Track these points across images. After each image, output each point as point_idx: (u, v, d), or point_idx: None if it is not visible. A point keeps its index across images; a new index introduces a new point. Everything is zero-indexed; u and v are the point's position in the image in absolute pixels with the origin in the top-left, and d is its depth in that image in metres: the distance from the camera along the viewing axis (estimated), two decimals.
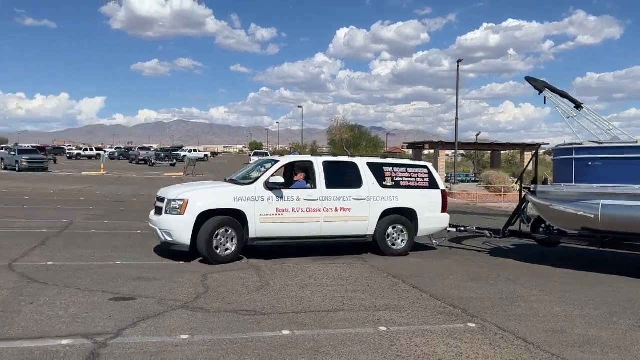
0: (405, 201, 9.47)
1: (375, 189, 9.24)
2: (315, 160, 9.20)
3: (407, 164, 9.99)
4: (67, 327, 4.88)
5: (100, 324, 4.99)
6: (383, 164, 9.68)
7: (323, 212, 8.78)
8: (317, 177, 8.91)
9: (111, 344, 4.47)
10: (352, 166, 9.39)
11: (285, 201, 8.55)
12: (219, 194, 8.60)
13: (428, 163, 10.58)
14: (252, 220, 8.32)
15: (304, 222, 8.68)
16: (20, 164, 35.67)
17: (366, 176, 9.26)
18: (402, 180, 9.59)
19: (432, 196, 9.79)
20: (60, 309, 5.42)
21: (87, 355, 4.21)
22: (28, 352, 4.22)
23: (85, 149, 79.33)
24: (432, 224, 9.82)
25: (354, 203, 9.01)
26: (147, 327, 5.00)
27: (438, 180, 10.06)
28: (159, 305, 5.72)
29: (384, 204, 9.26)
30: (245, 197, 8.33)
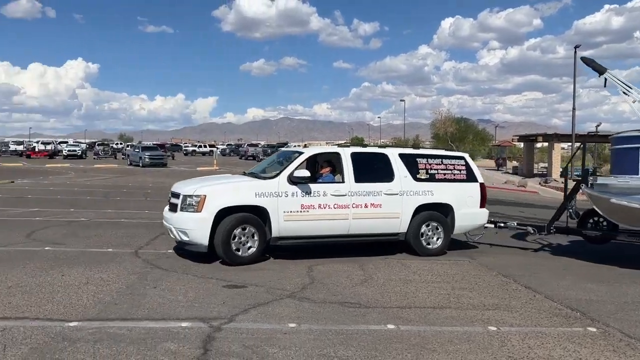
0: (441, 196, 8.68)
1: (408, 183, 8.49)
2: (342, 151, 8.49)
3: (443, 155, 9.14)
4: (185, 310, 5.26)
5: (215, 309, 5.31)
6: (417, 155, 8.96)
7: (352, 208, 8.08)
8: (345, 170, 8.21)
9: (225, 329, 4.74)
10: (383, 158, 8.65)
11: (311, 197, 7.87)
12: (239, 189, 7.85)
13: (465, 154, 9.55)
14: (275, 218, 7.67)
15: (331, 220, 7.99)
16: (144, 160, 38.87)
17: (398, 169, 8.51)
18: (437, 173, 8.79)
19: (470, 190, 8.97)
20: (180, 294, 5.84)
21: (204, 338, 4.49)
22: (153, 332, 4.60)
23: (200, 146, 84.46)
24: (469, 220, 8.97)
25: (385, 198, 8.28)
26: (258, 314, 5.23)
27: (476, 173, 9.18)
28: (268, 294, 5.96)
29: (417, 199, 8.50)
30: (268, 193, 7.68)
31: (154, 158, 39.40)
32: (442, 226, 8.65)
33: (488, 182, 28.70)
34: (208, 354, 4.15)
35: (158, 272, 6.86)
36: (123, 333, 4.55)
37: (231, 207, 7.47)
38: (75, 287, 5.98)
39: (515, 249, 9.64)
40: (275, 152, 11.03)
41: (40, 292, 5.75)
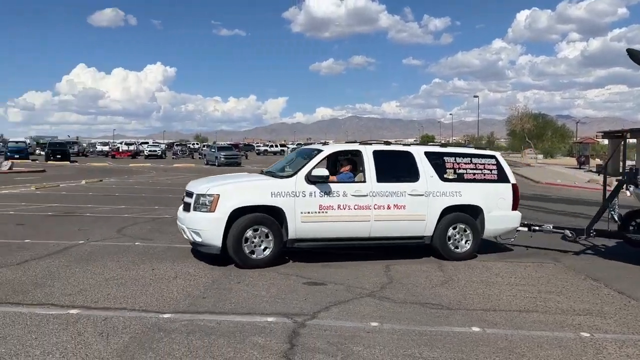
0: (470, 197, 8.18)
1: (435, 183, 8.03)
2: (364, 149, 8.04)
3: (472, 154, 8.60)
4: (269, 305, 5.41)
5: (297, 305, 5.42)
6: (444, 153, 8.41)
7: (373, 209, 7.68)
8: (366, 168, 7.81)
9: (309, 325, 4.84)
10: (408, 156, 8.19)
11: (330, 197, 7.51)
12: (255, 188, 7.57)
13: (496, 152, 9.01)
14: (292, 219, 7.32)
15: (352, 222, 7.60)
16: (219, 160, 40.28)
17: (424, 168, 8.06)
18: (466, 173, 8.28)
19: (502, 191, 8.43)
20: (263, 289, 6.02)
21: (289, 333, 4.61)
22: (240, 326, 4.77)
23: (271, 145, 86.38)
24: (500, 223, 8.41)
25: (409, 199, 7.84)
26: (339, 311, 5.29)
27: (508, 173, 8.62)
28: (347, 292, 6.01)
29: (445, 201, 8.01)
30: (285, 192, 7.34)
31: (229, 157, 40.73)
32: (470, 229, 8.14)
33: (569, 181, 27.34)
34: (295, 349, 4.25)
35: (241, 271, 7.08)
36: (213, 326, 4.75)
37: (245, 207, 7.20)
38: (166, 281, 6.31)
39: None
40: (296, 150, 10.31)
41: (134, 284, 6.11)
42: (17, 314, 4.95)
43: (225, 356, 4.07)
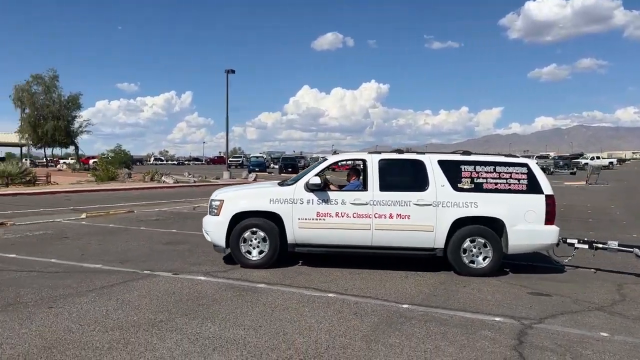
0: (488, 208, 7.52)
1: (446, 193, 7.57)
2: (370, 158, 7.94)
3: (498, 162, 7.79)
4: (496, 308, 5.90)
5: (523, 311, 5.81)
6: (462, 161, 7.79)
7: (374, 218, 7.59)
8: (369, 177, 7.78)
9: (536, 327, 5.22)
10: (418, 165, 7.81)
11: (328, 204, 7.66)
12: (255, 195, 8.09)
13: (530, 160, 7.94)
14: (290, 225, 7.70)
15: (350, 229, 7.61)
16: None
17: (435, 177, 7.65)
18: (485, 182, 7.63)
19: (531, 203, 7.54)
20: (488, 294, 6.52)
21: (517, 332, 5.07)
22: (470, 321, 5.38)
23: None
24: (529, 239, 7.54)
25: (414, 209, 7.53)
26: (566, 320, 5.52)
27: (542, 183, 7.64)
28: (574, 304, 6.14)
29: (456, 212, 7.51)
30: (283, 199, 7.74)
31: None
32: (490, 243, 7.54)
33: None
34: (523, 345, 4.71)
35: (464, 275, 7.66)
36: (446, 318, 5.47)
37: (245, 212, 7.80)
38: (399, 279, 7.24)
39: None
40: None
41: (373, 279, 7.17)
42: (290, 293, 6.37)
43: (459, 342, 4.75)
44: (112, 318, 5.23)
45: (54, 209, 16.32)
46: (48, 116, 47.24)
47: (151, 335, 4.74)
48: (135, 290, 6.34)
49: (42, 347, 4.38)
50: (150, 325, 5.03)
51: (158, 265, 7.87)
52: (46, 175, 30.17)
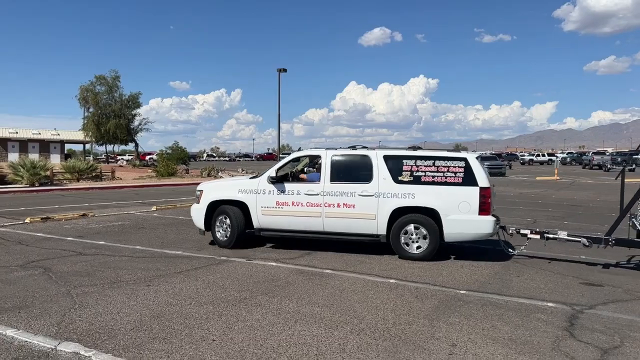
0: (424, 199, 8.23)
1: (387, 185, 8.37)
2: (324, 153, 8.90)
3: (438, 156, 8.43)
4: (548, 295, 6.32)
5: (574, 298, 6.20)
6: (404, 156, 8.54)
7: (324, 207, 8.55)
8: (323, 171, 8.75)
9: (587, 313, 5.62)
10: (365, 160, 8.67)
11: (286, 195, 8.74)
12: (228, 186, 9.38)
13: (470, 154, 8.51)
14: (255, 212, 8.91)
15: (304, 217, 8.64)
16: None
17: (379, 170, 8.47)
18: (424, 175, 8.34)
19: (465, 195, 8.11)
20: (541, 283, 6.92)
21: (569, 316, 5.49)
22: (524, 306, 5.83)
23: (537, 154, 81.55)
24: (463, 228, 8.14)
25: (358, 199, 8.41)
26: (617, 307, 5.88)
27: (478, 176, 8.16)
28: (625, 294, 6.46)
29: (395, 202, 8.30)
30: (249, 190, 8.96)
31: (493, 167, 40.61)
32: (427, 231, 8.22)
33: None
34: (574, 326, 5.15)
35: (518, 265, 8.07)
36: (501, 303, 5.94)
37: (218, 200, 9.18)
38: (454, 269, 7.72)
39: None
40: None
41: (429, 269, 7.69)
42: (354, 278, 7.00)
43: (514, 323, 5.23)
44: (203, 295, 6.00)
45: (125, 202, 17.61)
46: (110, 115, 49.88)
47: (239, 309, 5.46)
48: (217, 273, 7.13)
49: (151, 316, 5.18)
50: (237, 301, 5.77)
51: (231, 252, 8.66)
52: (111, 170, 32.05)
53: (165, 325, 4.92)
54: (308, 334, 4.75)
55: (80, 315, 5.16)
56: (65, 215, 12.98)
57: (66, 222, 12.22)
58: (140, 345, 4.38)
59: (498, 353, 4.39)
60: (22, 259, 7.90)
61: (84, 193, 21.64)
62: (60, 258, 7.99)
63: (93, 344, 4.38)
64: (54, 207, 15.70)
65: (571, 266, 8.07)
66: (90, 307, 5.42)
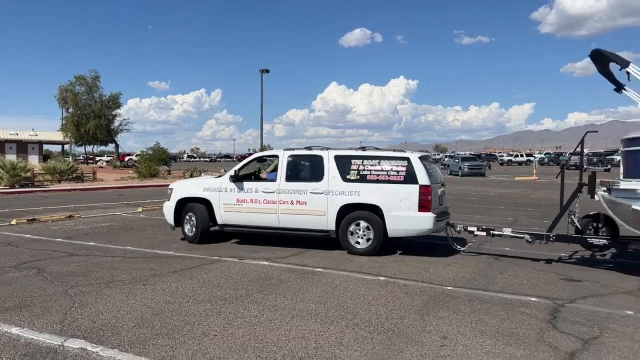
0: (368, 196, 8.65)
1: (336, 183, 8.84)
2: (281, 154, 9.41)
3: (383, 156, 8.89)
4: (531, 290, 6.61)
5: (556, 293, 6.50)
6: (353, 156, 9.00)
7: (279, 204, 9.07)
8: (279, 170, 9.25)
9: (568, 306, 5.92)
10: (317, 159, 9.16)
11: (245, 192, 9.29)
12: (194, 184, 10.09)
13: (413, 154, 8.87)
14: (217, 209, 9.49)
15: (261, 213, 9.18)
16: (463, 170, 41.21)
17: (329, 170, 8.94)
18: (369, 174, 8.76)
19: (406, 192, 8.49)
20: (524, 279, 7.22)
21: (551, 309, 5.78)
22: (509, 300, 6.11)
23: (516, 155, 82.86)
24: (403, 223, 8.53)
25: (310, 196, 8.90)
26: (595, 301, 6.20)
27: (419, 175, 8.52)
28: (603, 289, 6.79)
29: (342, 199, 8.76)
30: (213, 188, 9.55)
31: (473, 168, 41.35)
32: (372, 227, 8.61)
33: None
34: (556, 318, 5.44)
35: (501, 263, 8.37)
36: (487, 298, 6.22)
37: (186, 198, 9.81)
38: (441, 267, 7.99)
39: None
40: None
41: (416, 267, 7.94)
42: (345, 276, 7.21)
43: (500, 316, 5.50)
44: (200, 293, 6.15)
45: (110, 203, 17.56)
46: (90, 115, 49.33)
47: (237, 306, 5.63)
48: (211, 272, 7.28)
49: (152, 313, 5.31)
50: (233, 298, 5.93)
51: (222, 252, 8.81)
52: (92, 172, 31.77)
53: (166, 322, 5.06)
54: (305, 329, 4.94)
55: (81, 313, 5.28)
56: (51, 217, 12.94)
57: (53, 223, 12.20)
58: (144, 341, 4.53)
59: (486, 344, 4.65)
60: (14, 260, 7.93)
61: (67, 194, 21.48)
62: (53, 259, 8.05)
63: (98, 340, 4.51)
64: (38, 208, 15.61)
65: (553, 264, 8.41)
66: (90, 306, 5.54)
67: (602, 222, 8.70)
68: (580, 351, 4.53)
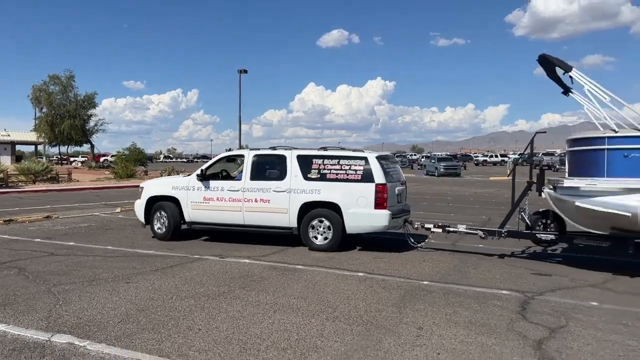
0: (328, 194, 8.98)
1: (298, 182, 9.15)
2: (247, 153, 9.73)
3: (342, 156, 9.22)
4: (503, 284, 6.90)
5: (526, 286, 6.80)
6: (314, 156, 9.33)
7: (244, 202, 9.36)
8: (244, 169, 9.56)
9: (537, 299, 6.21)
10: (281, 159, 9.45)
11: (211, 191, 9.57)
12: (163, 183, 10.38)
13: (371, 154, 9.21)
14: (185, 207, 9.75)
15: (227, 211, 9.46)
16: (439, 170, 41.84)
17: (292, 169, 9.25)
18: (329, 173, 9.09)
19: (362, 190, 8.83)
20: (496, 274, 7.52)
21: (521, 302, 6.06)
22: (481, 294, 6.38)
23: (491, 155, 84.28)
24: (360, 220, 8.87)
25: (273, 195, 9.20)
26: (563, 293, 6.51)
27: (375, 173, 8.87)
28: (571, 282, 7.12)
29: (303, 197, 9.07)
30: (181, 187, 9.81)
31: (449, 168, 42.01)
32: (332, 224, 8.93)
33: None
34: (526, 310, 5.72)
35: (475, 258, 8.67)
36: (461, 292, 6.48)
37: (155, 196, 10.03)
38: (416, 263, 8.24)
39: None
40: None
41: (394, 263, 8.18)
42: (325, 272, 7.41)
43: (474, 308, 5.75)
44: (183, 290, 6.27)
45: (87, 204, 17.44)
46: (65, 115, 48.58)
47: (220, 302, 5.77)
48: (193, 270, 7.39)
49: (137, 310, 5.42)
50: (216, 295, 6.07)
51: (203, 251, 8.91)
52: (68, 172, 31.36)
53: (151, 317, 5.18)
54: (287, 322, 5.11)
55: (66, 310, 5.36)
56: (28, 217, 12.85)
57: (30, 224, 12.12)
58: (130, 335, 4.64)
59: (460, 334, 4.89)
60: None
61: (43, 195, 21.22)
62: (33, 259, 8.05)
63: (85, 335, 4.61)
64: (14, 209, 15.44)
65: (524, 259, 8.75)
66: (74, 303, 5.62)
67: (550, 219, 9.11)
68: (547, 339, 4.80)
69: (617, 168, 7.34)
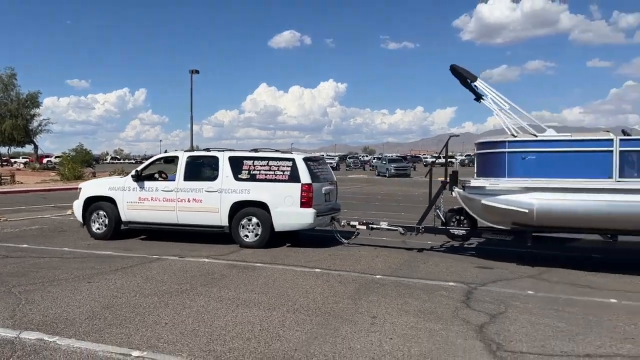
0: (257, 194, 9.40)
1: (229, 182, 9.52)
2: (181, 155, 10.08)
3: (272, 157, 9.71)
4: (449, 276, 7.43)
5: (470, 278, 7.36)
6: (244, 157, 9.77)
7: (177, 202, 9.68)
8: (178, 170, 9.87)
9: (479, 289, 6.75)
10: (213, 160, 9.85)
11: (146, 191, 9.88)
12: (101, 184, 10.66)
13: (298, 155, 9.77)
14: (121, 206, 10.01)
15: (161, 211, 9.77)
16: (389, 171, 42.87)
17: (223, 170, 9.61)
18: (258, 174, 9.52)
19: (289, 190, 9.31)
20: (443, 268, 8.05)
21: (466, 292, 6.59)
22: (430, 285, 6.87)
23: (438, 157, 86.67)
24: (288, 219, 9.33)
25: (205, 195, 9.55)
26: (503, 284, 7.10)
27: (301, 174, 9.37)
28: (511, 274, 7.73)
29: (234, 197, 9.45)
30: (117, 187, 10.09)
31: (399, 169, 43.14)
32: (261, 222, 9.35)
33: None
34: (470, 299, 6.23)
35: (425, 255, 9.20)
36: (411, 284, 6.95)
37: (92, 196, 10.27)
38: (369, 259, 8.69)
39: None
40: None
41: (348, 259, 8.59)
42: (284, 269, 7.73)
43: (422, 298, 6.22)
44: (145, 288, 6.44)
45: (35, 206, 17.02)
46: (6, 114, 46.60)
47: (183, 298, 5.99)
48: (153, 270, 7.54)
49: (102, 307, 5.57)
50: (179, 292, 6.28)
51: (161, 251, 9.04)
52: (11, 174, 30.22)
53: (117, 314, 5.35)
54: (250, 315, 5.40)
55: (31, 309, 5.44)
56: None
57: None
58: (99, 330, 4.81)
59: (410, 321, 5.32)
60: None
61: None
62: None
63: (54, 331, 4.75)
64: None
65: (469, 255, 9.35)
66: (38, 303, 5.69)
67: (464, 215, 9.75)
68: (488, 324, 5.30)
69: (516, 169, 8.03)
